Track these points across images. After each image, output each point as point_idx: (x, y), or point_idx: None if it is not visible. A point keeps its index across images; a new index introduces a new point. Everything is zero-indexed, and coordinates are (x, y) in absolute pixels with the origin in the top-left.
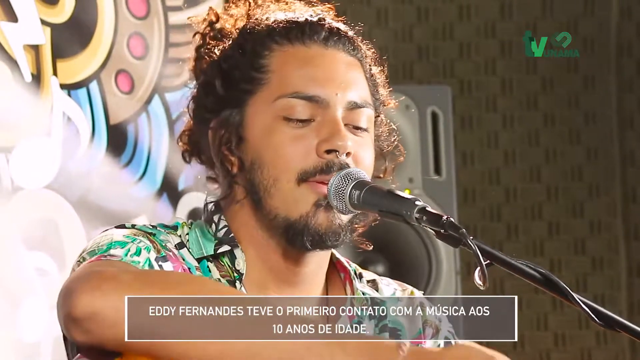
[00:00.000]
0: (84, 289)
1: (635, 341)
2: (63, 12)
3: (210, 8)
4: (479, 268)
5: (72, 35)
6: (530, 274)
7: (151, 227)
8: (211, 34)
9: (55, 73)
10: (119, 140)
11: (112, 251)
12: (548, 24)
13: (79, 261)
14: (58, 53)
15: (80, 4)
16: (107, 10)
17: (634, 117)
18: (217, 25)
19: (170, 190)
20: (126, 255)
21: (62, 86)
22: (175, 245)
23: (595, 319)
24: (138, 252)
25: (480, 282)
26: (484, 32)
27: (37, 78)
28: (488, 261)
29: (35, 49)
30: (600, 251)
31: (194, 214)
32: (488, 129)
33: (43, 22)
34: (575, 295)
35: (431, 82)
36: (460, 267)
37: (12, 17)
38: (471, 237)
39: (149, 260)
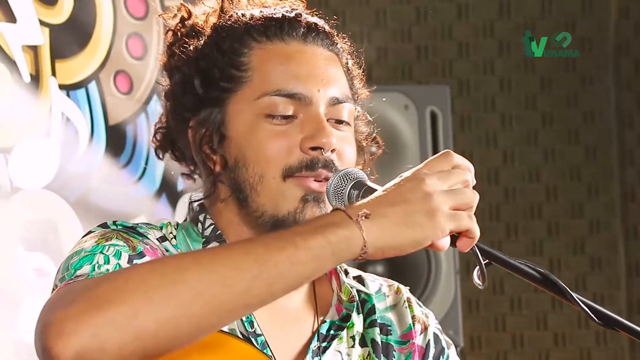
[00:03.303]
0: (51, 340)
1: (634, 341)
2: (62, 13)
3: (182, 4)
4: (478, 267)
5: (70, 36)
6: (530, 274)
7: (133, 223)
8: (183, 30)
9: (54, 73)
10: (118, 141)
11: (78, 272)
12: (546, 24)
13: (53, 288)
14: (57, 53)
15: (79, 4)
16: (106, 11)
17: (633, 116)
18: (189, 22)
19: (169, 191)
20: (93, 270)
21: (61, 87)
22: (157, 239)
23: (595, 318)
24: (106, 261)
25: (480, 282)
26: (482, 32)
27: (36, 79)
28: (487, 261)
29: (34, 49)
30: (599, 251)
31: None
32: (487, 129)
33: (42, 23)
34: (574, 295)
35: (430, 82)
36: (460, 267)
37: (11, 17)
38: None
39: (119, 266)
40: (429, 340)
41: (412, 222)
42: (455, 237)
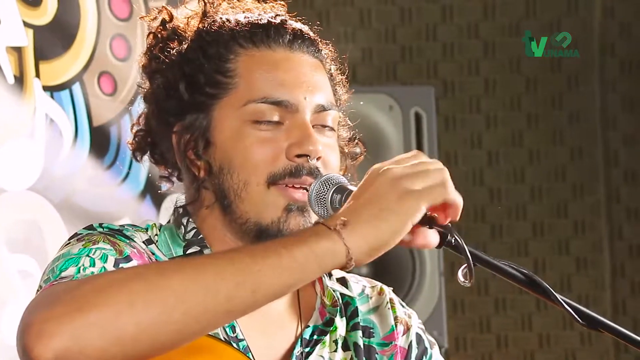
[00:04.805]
0: (31, 341)
1: (619, 342)
2: (45, 14)
3: (163, 7)
4: (464, 266)
5: (54, 37)
6: (514, 275)
7: (119, 225)
8: (164, 33)
9: (37, 75)
10: (102, 142)
11: (63, 274)
12: (531, 24)
13: (38, 289)
14: (41, 55)
15: (63, 5)
16: (90, 12)
17: (618, 117)
18: (171, 25)
19: (153, 192)
20: (78, 273)
21: (45, 88)
22: (143, 242)
23: (578, 319)
24: (92, 264)
25: (465, 280)
26: (467, 32)
27: (20, 80)
28: (472, 262)
29: (18, 50)
30: (584, 251)
31: None
32: (472, 130)
33: (25, 24)
34: (558, 296)
35: (414, 82)
36: (444, 268)
37: None
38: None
39: (104, 269)
40: (411, 341)
41: (386, 214)
42: (445, 235)
